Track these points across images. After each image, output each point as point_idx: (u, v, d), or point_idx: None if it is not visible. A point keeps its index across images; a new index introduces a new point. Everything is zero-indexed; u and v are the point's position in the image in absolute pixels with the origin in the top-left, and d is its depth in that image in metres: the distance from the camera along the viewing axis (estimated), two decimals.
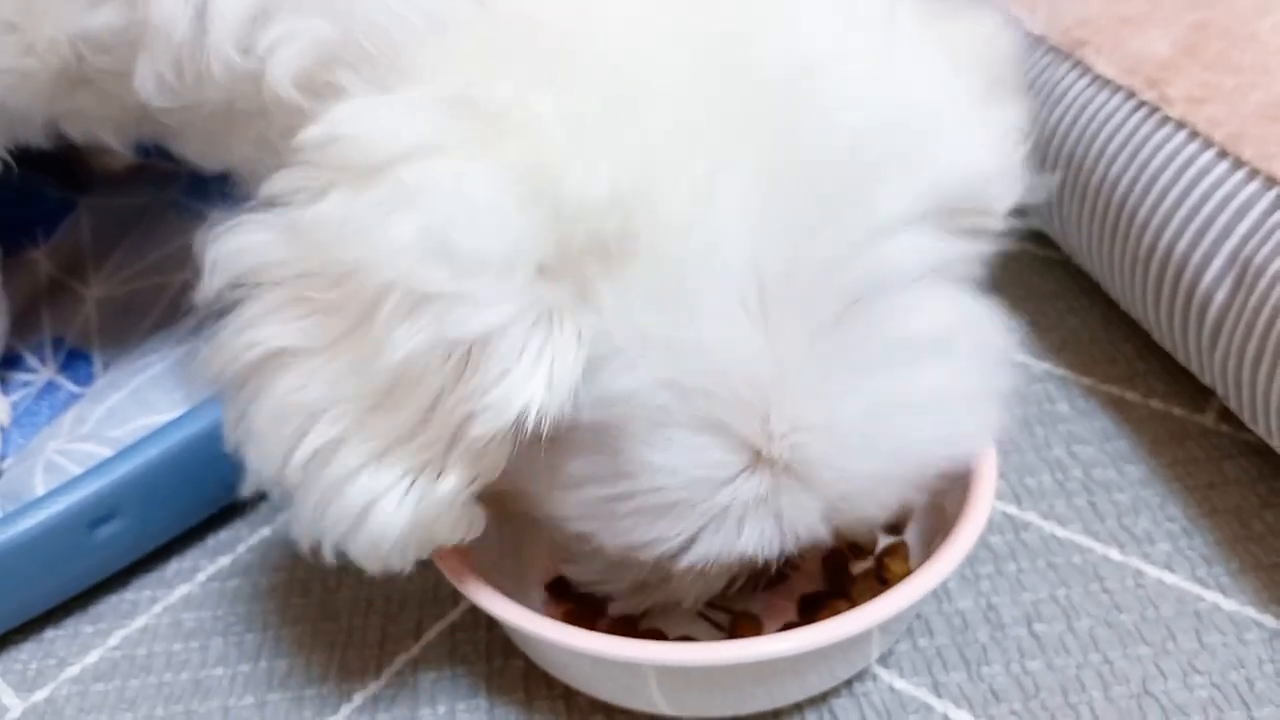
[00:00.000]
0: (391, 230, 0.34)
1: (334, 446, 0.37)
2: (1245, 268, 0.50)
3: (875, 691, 0.48)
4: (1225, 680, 0.46)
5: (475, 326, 0.34)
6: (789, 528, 0.39)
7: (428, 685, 0.50)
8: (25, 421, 0.60)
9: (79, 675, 0.53)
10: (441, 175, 0.34)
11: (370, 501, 0.37)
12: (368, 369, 0.35)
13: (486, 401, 0.34)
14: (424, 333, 0.34)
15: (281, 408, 0.37)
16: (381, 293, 0.34)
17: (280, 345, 0.37)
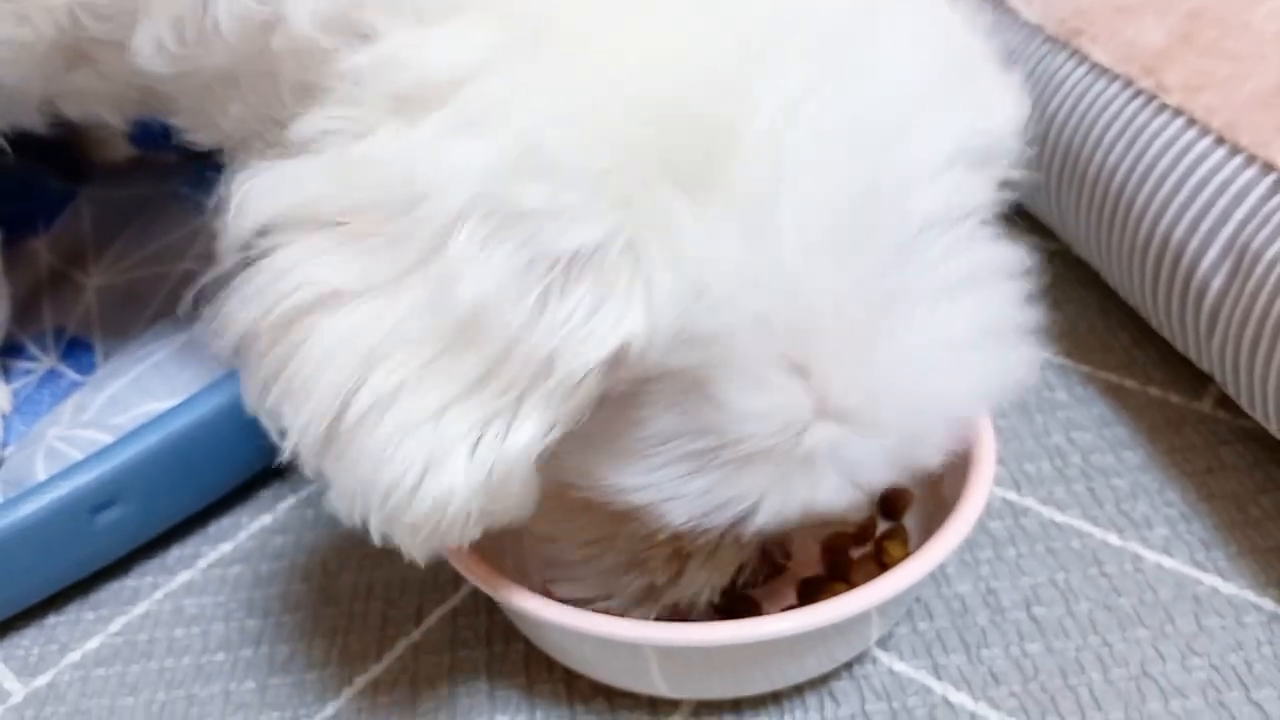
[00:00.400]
0: (465, 151, 0.32)
1: (393, 396, 0.33)
2: (1243, 253, 0.51)
3: (875, 674, 0.48)
4: (1224, 662, 0.46)
5: (571, 242, 0.31)
6: (860, 475, 0.37)
7: (429, 669, 0.50)
8: (27, 409, 0.60)
9: (80, 661, 0.53)
10: (515, 91, 0.32)
11: (434, 457, 0.33)
12: (438, 305, 0.32)
13: (580, 331, 0.32)
14: (512, 255, 0.31)
15: (332, 355, 0.33)
16: (457, 218, 0.32)
17: (331, 287, 0.34)
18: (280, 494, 0.61)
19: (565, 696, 0.48)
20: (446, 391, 0.33)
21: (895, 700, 0.47)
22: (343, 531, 0.58)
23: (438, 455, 0.33)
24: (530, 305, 0.32)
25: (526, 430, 0.33)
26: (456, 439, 0.33)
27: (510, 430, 0.33)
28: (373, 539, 0.37)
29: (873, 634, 0.47)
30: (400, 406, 0.33)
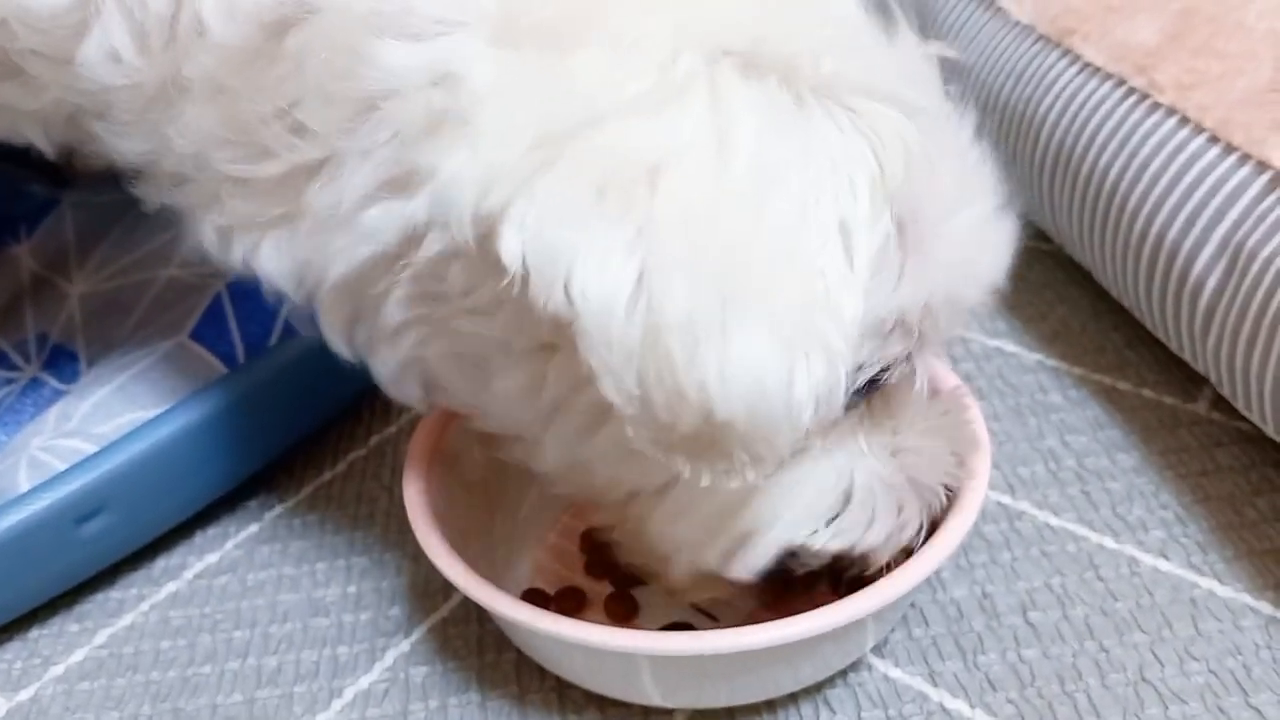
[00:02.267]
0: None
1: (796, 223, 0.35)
2: (1237, 253, 0.50)
3: (871, 681, 0.47)
4: (1222, 666, 0.46)
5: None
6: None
7: (419, 680, 0.50)
8: (9, 419, 0.59)
9: (64, 674, 0.52)
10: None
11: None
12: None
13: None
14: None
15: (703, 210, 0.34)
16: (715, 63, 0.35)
17: (646, 156, 0.35)
18: (267, 503, 0.60)
19: (557, 706, 0.48)
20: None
21: (891, 708, 0.46)
22: (330, 541, 0.58)
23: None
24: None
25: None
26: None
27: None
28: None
29: (868, 641, 0.46)
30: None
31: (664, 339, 0.32)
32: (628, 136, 0.33)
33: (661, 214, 0.32)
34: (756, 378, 0.32)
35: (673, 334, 0.32)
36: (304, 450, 0.63)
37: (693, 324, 0.32)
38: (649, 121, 0.33)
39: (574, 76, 0.34)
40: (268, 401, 0.57)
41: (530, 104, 0.34)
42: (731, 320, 0.32)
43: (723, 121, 0.33)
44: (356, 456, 0.63)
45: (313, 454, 0.63)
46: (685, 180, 0.33)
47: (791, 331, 0.33)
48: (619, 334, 0.32)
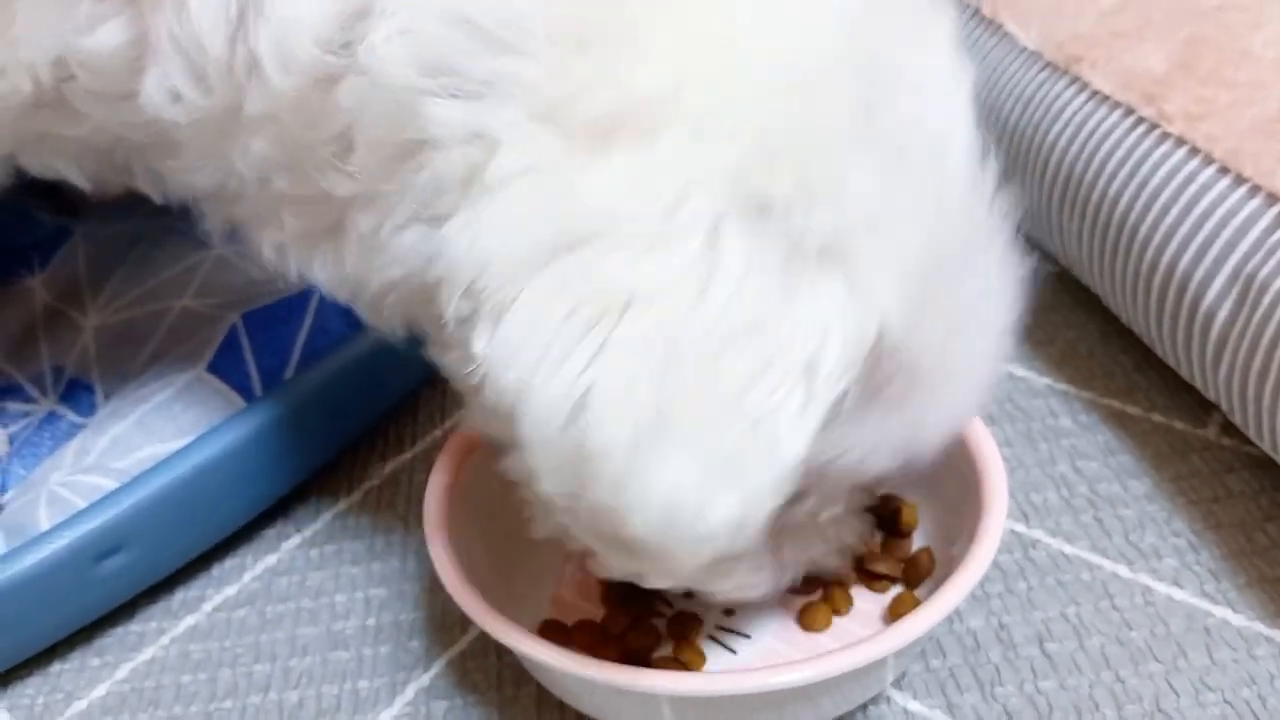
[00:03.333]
0: (707, 158, 0.36)
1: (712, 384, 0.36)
2: (1248, 284, 0.51)
3: (890, 714, 0.48)
4: (1237, 697, 0.46)
5: (826, 227, 0.36)
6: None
7: (440, 714, 0.50)
8: (26, 453, 0.59)
9: (87, 709, 0.53)
10: (736, 98, 0.36)
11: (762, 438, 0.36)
12: (717, 305, 0.36)
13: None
14: (776, 249, 0.36)
15: (636, 363, 0.36)
16: (719, 219, 0.36)
17: (613, 295, 0.36)
18: (284, 533, 0.61)
19: None
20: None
21: None
22: (348, 572, 0.58)
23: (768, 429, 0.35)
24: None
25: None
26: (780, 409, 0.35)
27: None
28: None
29: (888, 677, 0.47)
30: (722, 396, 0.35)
31: (592, 458, 0.34)
32: (616, 264, 0.34)
33: (622, 340, 0.34)
34: (671, 504, 0.34)
35: (601, 455, 0.34)
36: (318, 479, 0.63)
37: (621, 446, 0.34)
38: (640, 255, 0.34)
39: (591, 190, 0.35)
40: (286, 434, 0.58)
41: (545, 200, 0.35)
42: (660, 444, 0.34)
43: (711, 269, 0.34)
44: (371, 486, 0.63)
45: (327, 484, 0.63)
46: (656, 316, 0.34)
47: (718, 465, 0.34)
48: (554, 444, 0.34)
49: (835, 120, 0.36)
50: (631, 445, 0.34)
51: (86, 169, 0.51)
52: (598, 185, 0.35)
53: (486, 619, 0.45)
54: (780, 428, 0.35)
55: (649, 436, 0.34)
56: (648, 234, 0.35)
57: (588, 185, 0.35)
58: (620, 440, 0.34)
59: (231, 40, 0.41)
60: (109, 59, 0.43)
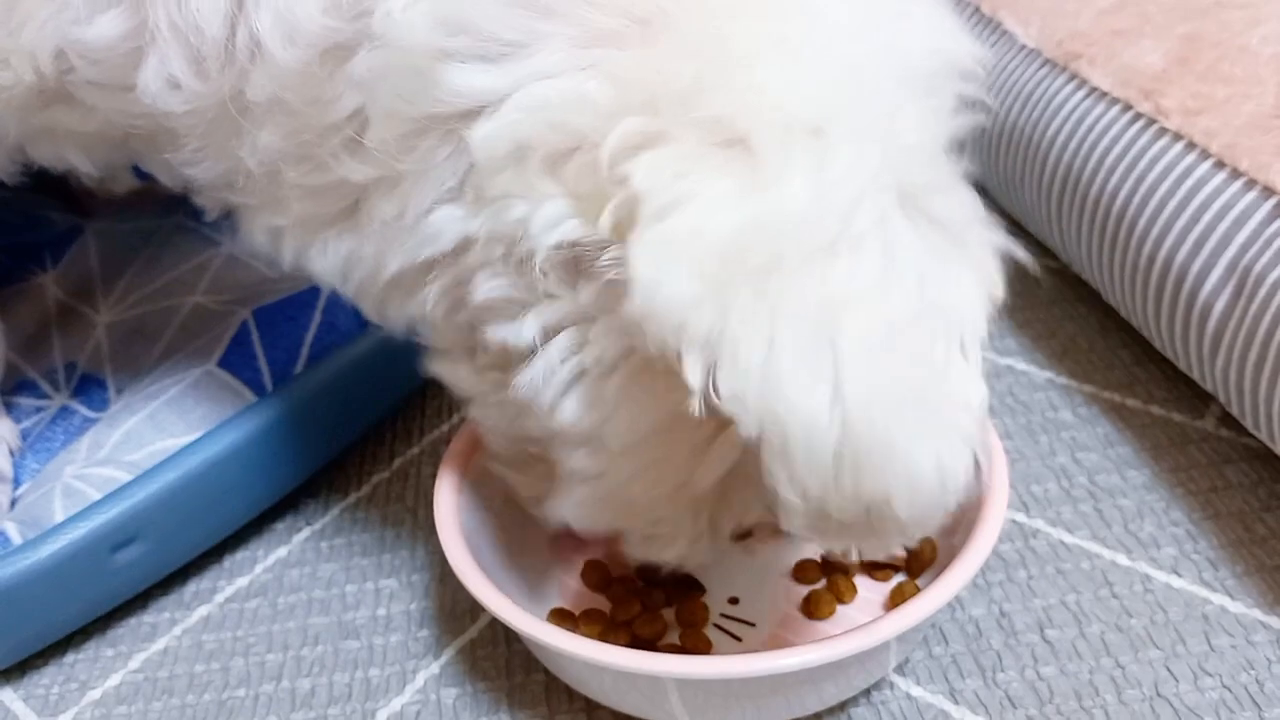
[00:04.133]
0: (855, 164, 0.36)
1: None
2: (1245, 276, 0.51)
3: (893, 699, 0.48)
4: (1235, 682, 0.47)
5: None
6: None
7: (450, 702, 0.51)
8: (40, 447, 0.60)
9: (101, 699, 0.54)
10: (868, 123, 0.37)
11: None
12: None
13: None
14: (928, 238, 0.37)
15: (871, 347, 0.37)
16: (882, 216, 0.36)
17: (842, 298, 0.37)
18: (295, 526, 0.62)
19: None
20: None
21: None
22: (358, 563, 0.59)
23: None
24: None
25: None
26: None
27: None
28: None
29: (891, 662, 0.48)
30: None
31: (864, 454, 0.35)
32: (816, 277, 0.35)
33: (851, 343, 0.35)
34: (938, 478, 0.36)
35: (871, 450, 0.35)
36: (328, 473, 0.64)
37: (887, 437, 0.35)
38: (834, 262, 0.35)
39: (768, 208, 0.35)
40: (296, 428, 0.59)
41: (721, 225, 0.35)
42: (914, 426, 0.36)
43: (891, 262, 0.36)
44: (380, 479, 0.64)
45: (336, 477, 0.64)
46: (867, 313, 0.35)
47: (952, 433, 0.37)
48: (822, 453, 0.35)
49: (943, 112, 0.38)
50: (895, 434, 0.35)
51: (97, 160, 0.52)
52: (773, 202, 0.35)
53: (496, 605, 0.46)
54: (970, 390, 0.38)
55: (904, 422, 0.35)
56: (833, 241, 0.35)
57: (763, 203, 0.35)
58: (885, 432, 0.35)
59: (230, 20, 0.41)
60: (108, 49, 0.43)
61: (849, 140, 0.35)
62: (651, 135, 0.35)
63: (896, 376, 0.35)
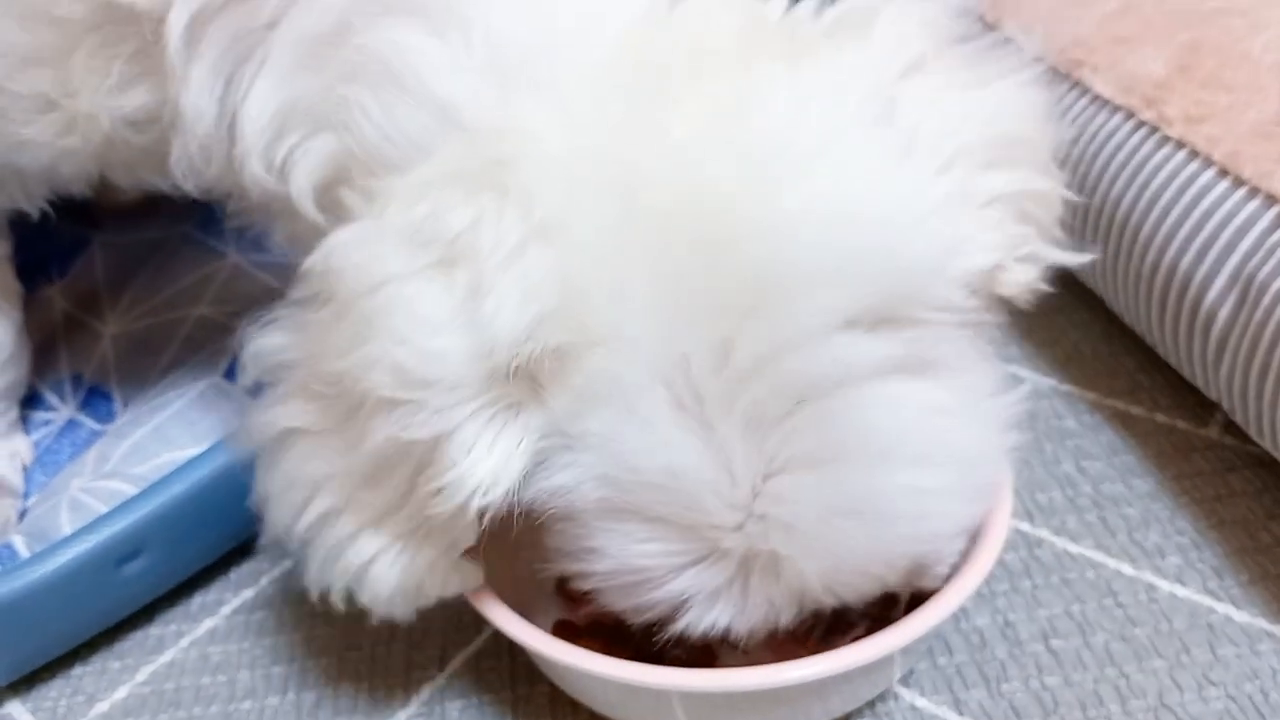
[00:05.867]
0: (361, 349, 0.38)
1: (334, 513, 0.42)
2: (1248, 285, 0.51)
3: (897, 710, 0.49)
4: (1240, 691, 0.47)
5: (427, 430, 0.37)
6: (754, 612, 0.41)
7: (455, 714, 0.51)
8: (47, 460, 0.61)
9: (109, 711, 0.54)
10: (399, 303, 0.37)
11: (366, 562, 0.42)
12: (356, 452, 0.40)
13: (447, 490, 0.38)
14: (391, 431, 0.38)
15: (291, 476, 0.42)
16: (360, 399, 0.39)
17: (294, 424, 0.42)
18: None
19: None
20: (371, 513, 0.41)
21: None
22: None
23: (369, 559, 0.42)
24: (415, 463, 0.39)
25: (428, 552, 0.42)
26: (381, 548, 0.42)
27: (419, 549, 0.42)
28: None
29: (895, 673, 0.48)
30: (340, 522, 0.42)
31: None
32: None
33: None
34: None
35: None
36: None
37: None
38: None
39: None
40: None
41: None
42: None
43: (359, 431, 0.41)
44: None
45: None
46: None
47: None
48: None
49: (470, 348, 0.38)
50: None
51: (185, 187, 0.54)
52: (326, 334, 0.40)
53: (501, 618, 0.46)
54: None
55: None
56: (324, 388, 0.40)
57: (321, 329, 0.40)
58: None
59: (221, 129, 0.45)
60: (144, 120, 0.47)
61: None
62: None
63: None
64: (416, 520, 0.40)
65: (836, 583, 0.40)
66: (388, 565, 0.42)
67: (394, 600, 0.43)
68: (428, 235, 0.37)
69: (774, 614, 0.41)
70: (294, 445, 0.42)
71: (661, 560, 0.39)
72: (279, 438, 0.42)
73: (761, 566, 0.39)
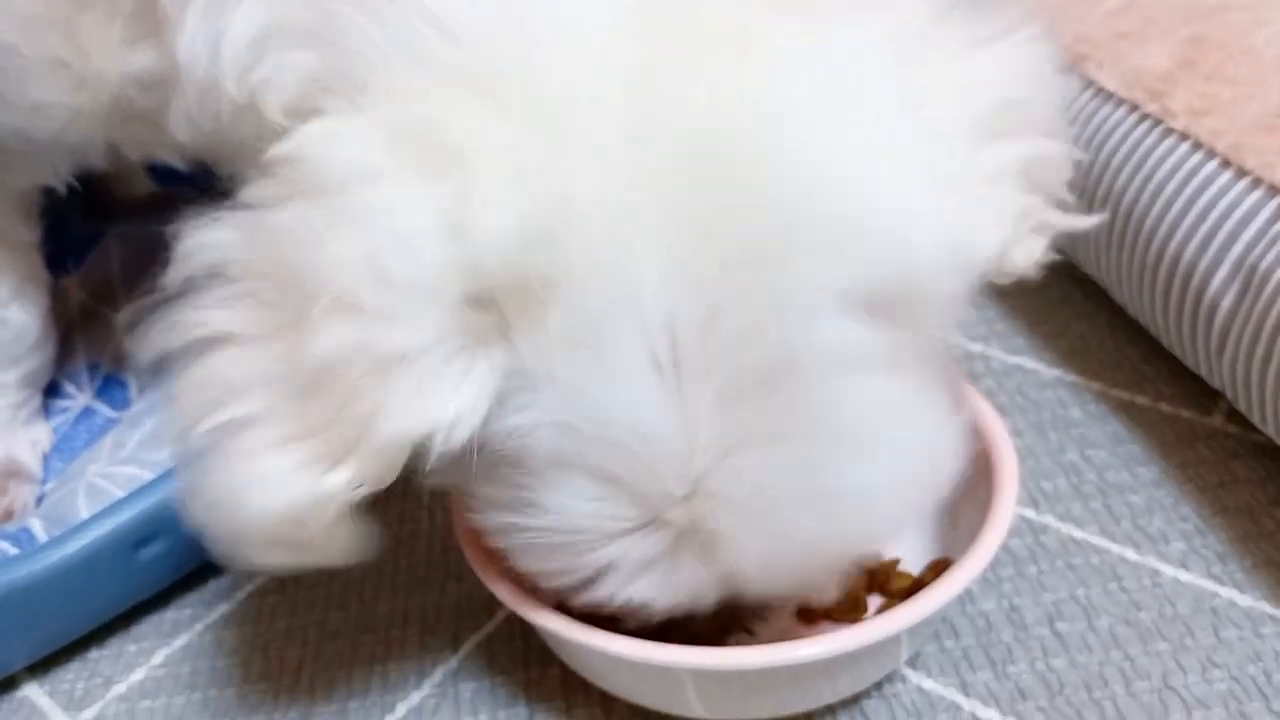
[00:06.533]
0: (332, 245, 0.35)
1: (244, 424, 0.38)
2: (1251, 274, 0.52)
3: (905, 692, 0.49)
4: (1243, 673, 0.48)
5: (395, 344, 0.35)
6: (678, 590, 0.40)
7: (468, 695, 0.52)
8: (63, 447, 0.61)
9: (125, 693, 0.54)
10: (381, 200, 0.35)
11: (258, 478, 0.37)
12: (294, 359, 0.37)
13: (395, 414, 0.35)
14: (349, 339, 0.35)
15: (207, 378, 0.38)
16: (316, 296, 0.35)
17: (224, 329, 0.38)
18: None
19: (603, 719, 0.50)
20: (288, 429, 0.37)
21: (926, 718, 0.48)
22: (375, 560, 0.59)
23: (263, 477, 0.37)
24: (354, 383, 0.35)
25: (338, 478, 0.37)
26: (283, 469, 0.37)
27: (326, 474, 0.37)
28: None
29: (903, 654, 0.48)
30: (247, 434, 0.38)
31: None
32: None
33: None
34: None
35: None
36: None
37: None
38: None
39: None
40: None
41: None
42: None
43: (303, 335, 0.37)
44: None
45: None
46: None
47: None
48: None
49: (454, 261, 0.36)
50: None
51: (186, 159, 0.55)
52: (276, 227, 0.37)
53: (514, 598, 0.46)
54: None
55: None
56: (266, 288, 0.37)
57: (271, 225, 0.38)
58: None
59: (210, 61, 0.44)
60: (148, 78, 0.47)
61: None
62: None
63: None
64: (341, 442, 0.37)
65: (771, 570, 0.39)
66: (280, 484, 0.37)
67: (265, 533, 0.38)
68: (422, 134, 0.35)
69: (697, 596, 0.40)
70: (219, 349, 0.38)
71: (601, 523, 0.38)
72: (200, 341, 0.39)
73: (699, 544, 0.38)
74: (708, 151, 0.35)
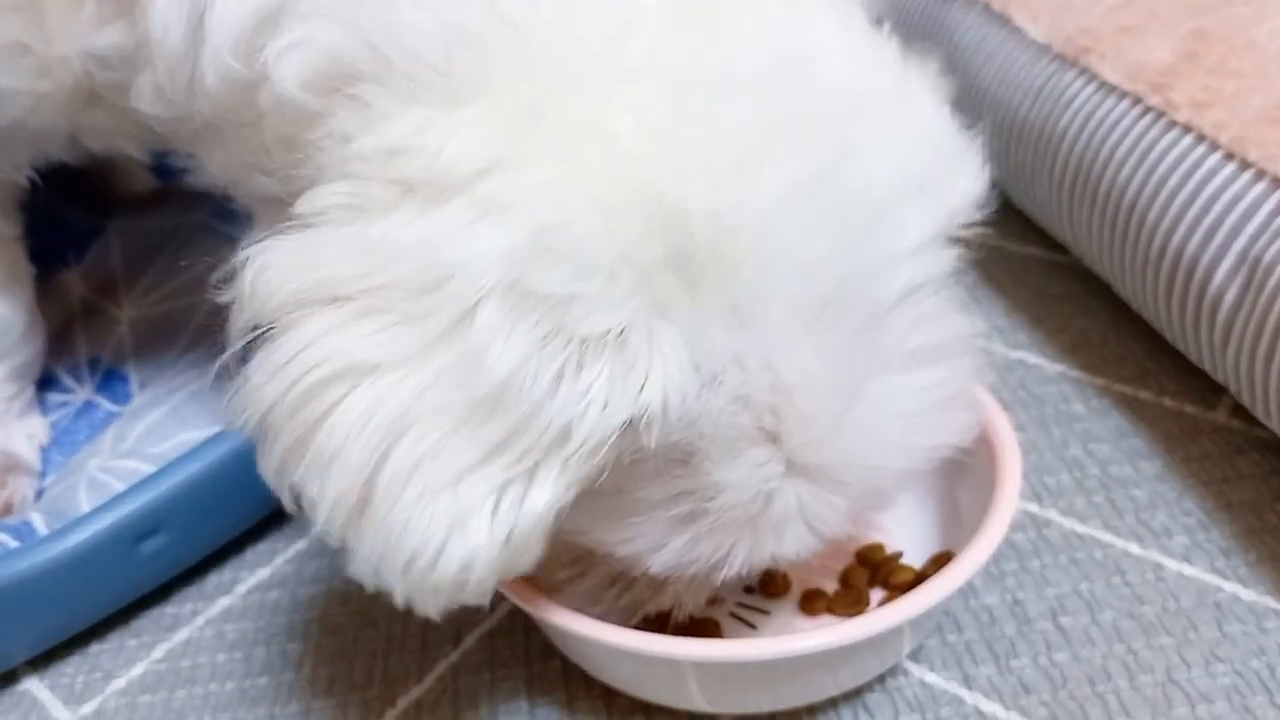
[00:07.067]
0: (485, 238, 0.34)
1: (417, 464, 0.34)
2: (1255, 267, 0.52)
3: (907, 686, 0.49)
4: (1247, 667, 0.48)
5: (597, 324, 0.33)
6: (820, 528, 0.41)
7: (469, 690, 0.52)
8: (64, 441, 0.61)
9: (125, 688, 0.54)
10: (531, 185, 0.34)
11: (457, 521, 0.34)
12: (464, 376, 0.34)
13: (597, 403, 0.34)
14: (533, 332, 0.33)
15: (360, 426, 0.34)
16: (482, 298, 0.33)
17: (355, 359, 0.34)
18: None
19: (605, 713, 0.49)
20: (468, 457, 0.34)
21: (928, 711, 0.48)
22: None
23: (461, 519, 0.35)
24: (550, 378, 0.34)
25: (545, 493, 0.35)
26: (478, 503, 0.35)
27: (528, 494, 0.35)
28: (396, 601, 0.38)
29: (905, 647, 0.48)
30: (423, 473, 0.34)
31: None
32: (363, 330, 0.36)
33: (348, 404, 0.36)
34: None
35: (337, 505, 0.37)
36: None
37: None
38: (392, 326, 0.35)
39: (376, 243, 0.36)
40: None
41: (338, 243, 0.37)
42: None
43: (461, 344, 0.35)
44: None
45: None
46: (389, 383, 0.36)
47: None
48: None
49: (627, 232, 0.35)
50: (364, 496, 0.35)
51: (142, 148, 0.56)
52: (393, 235, 0.35)
53: (516, 592, 0.46)
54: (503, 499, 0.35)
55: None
56: (396, 304, 0.35)
57: (384, 234, 0.35)
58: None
59: (190, 35, 0.44)
60: (115, 57, 0.47)
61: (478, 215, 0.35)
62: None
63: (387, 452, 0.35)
64: (534, 457, 0.34)
65: (882, 490, 0.42)
66: (488, 521, 0.34)
67: (486, 572, 0.36)
68: (544, 119, 0.35)
69: (829, 533, 0.41)
70: (357, 386, 0.34)
71: (765, 484, 0.38)
72: (327, 382, 0.34)
73: (829, 481, 0.39)
74: (824, 130, 0.37)
